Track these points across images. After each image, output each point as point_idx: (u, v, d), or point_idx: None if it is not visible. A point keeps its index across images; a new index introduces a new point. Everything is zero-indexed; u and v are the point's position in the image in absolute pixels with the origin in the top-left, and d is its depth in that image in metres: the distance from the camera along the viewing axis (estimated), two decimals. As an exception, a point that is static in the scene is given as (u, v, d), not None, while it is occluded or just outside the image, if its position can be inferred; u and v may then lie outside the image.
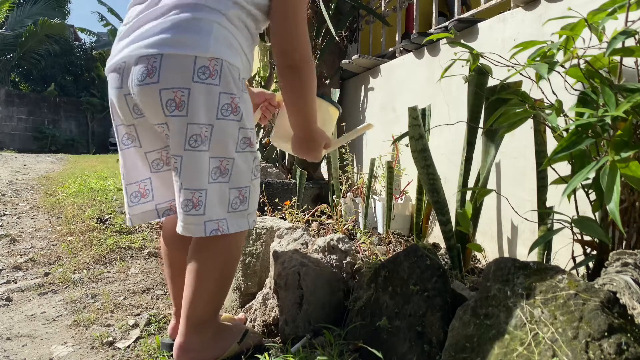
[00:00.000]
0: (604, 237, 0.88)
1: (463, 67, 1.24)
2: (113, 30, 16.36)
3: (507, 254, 1.70)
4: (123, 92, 1.06)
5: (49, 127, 15.22)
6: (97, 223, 2.82)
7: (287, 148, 1.35)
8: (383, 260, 1.24)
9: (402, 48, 2.58)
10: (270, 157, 3.27)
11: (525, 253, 1.37)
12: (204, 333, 1.13)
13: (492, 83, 1.34)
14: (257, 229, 1.60)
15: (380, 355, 1.00)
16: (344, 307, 1.25)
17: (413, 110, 1.44)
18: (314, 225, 2.21)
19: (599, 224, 0.95)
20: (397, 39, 2.75)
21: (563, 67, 0.93)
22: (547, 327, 0.74)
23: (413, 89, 2.40)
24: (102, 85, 17.20)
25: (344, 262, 1.37)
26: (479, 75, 1.36)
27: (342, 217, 2.27)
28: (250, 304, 1.50)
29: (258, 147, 3.43)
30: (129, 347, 1.39)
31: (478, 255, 1.82)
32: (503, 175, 1.72)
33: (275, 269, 1.34)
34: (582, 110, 0.86)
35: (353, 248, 1.43)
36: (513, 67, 1.03)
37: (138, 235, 2.61)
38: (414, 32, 2.49)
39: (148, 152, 1.17)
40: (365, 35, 3.30)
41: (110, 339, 1.43)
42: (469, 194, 1.53)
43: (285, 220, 1.99)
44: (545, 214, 1.29)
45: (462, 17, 2.05)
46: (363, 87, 3.07)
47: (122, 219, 2.85)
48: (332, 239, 1.43)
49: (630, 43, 0.99)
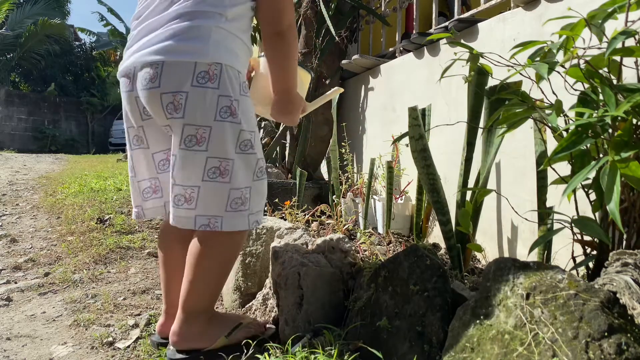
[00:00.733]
0: (604, 237, 0.88)
1: (463, 67, 1.24)
2: (113, 30, 16.33)
3: (507, 254, 1.70)
4: (133, 94, 1.14)
5: (49, 127, 15.22)
6: (97, 223, 2.82)
7: (260, 111, 1.37)
8: (383, 260, 1.24)
9: (402, 48, 2.58)
10: (270, 157, 3.27)
11: (525, 253, 1.37)
12: (197, 323, 1.18)
13: (492, 83, 1.34)
14: (257, 229, 1.60)
15: (380, 355, 1.00)
16: (344, 307, 1.25)
17: (413, 111, 1.44)
18: (314, 225, 2.21)
19: (599, 224, 0.95)
20: (397, 39, 2.75)
21: (563, 67, 0.93)
22: (547, 327, 0.74)
23: (413, 89, 2.40)
24: (102, 85, 17.20)
25: (344, 262, 1.37)
26: (479, 75, 1.36)
27: (342, 217, 2.27)
28: (250, 304, 1.50)
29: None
30: (129, 347, 1.39)
31: (478, 255, 1.82)
32: (503, 175, 1.72)
33: (275, 269, 1.34)
34: (582, 110, 0.86)
35: (353, 248, 1.43)
36: (513, 67, 1.03)
37: (138, 236, 2.61)
38: (414, 32, 2.49)
39: (155, 152, 1.23)
40: (365, 35, 3.30)
41: (110, 339, 1.43)
42: (469, 194, 1.53)
43: (285, 220, 1.99)
44: (545, 214, 1.29)
45: (462, 17, 2.05)
46: (363, 87, 3.07)
47: (122, 219, 2.85)
48: (332, 239, 1.43)
49: (630, 43, 0.99)
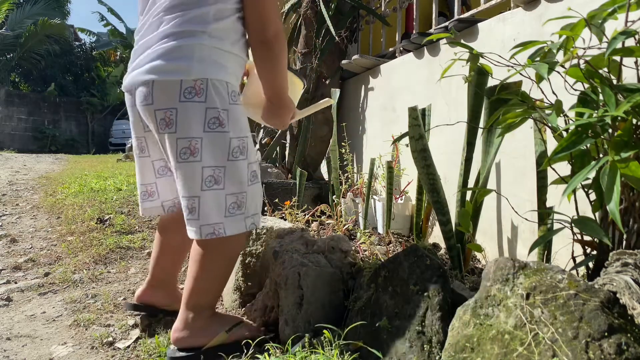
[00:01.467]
0: (604, 237, 0.88)
1: (463, 67, 1.24)
2: (113, 30, 16.33)
3: (507, 254, 1.70)
4: (136, 109, 1.22)
5: (49, 127, 15.22)
6: (97, 223, 2.82)
7: (252, 114, 1.40)
8: (383, 260, 1.24)
9: (402, 48, 2.58)
10: (270, 157, 3.27)
11: (525, 253, 1.37)
12: (200, 319, 1.23)
13: (492, 83, 1.34)
14: (256, 229, 1.60)
15: (380, 355, 1.00)
16: (344, 307, 1.25)
17: (413, 111, 1.44)
18: (314, 226, 2.21)
19: (599, 224, 0.95)
20: (397, 39, 2.75)
21: (563, 67, 0.93)
22: (547, 327, 0.74)
23: (413, 89, 2.40)
24: (102, 86, 17.20)
25: (344, 262, 1.37)
26: (479, 76, 1.36)
27: (342, 217, 2.27)
28: (250, 304, 1.50)
29: (258, 147, 3.43)
30: (129, 347, 1.39)
31: (478, 255, 1.82)
32: (503, 175, 1.72)
33: (275, 269, 1.34)
34: (582, 110, 0.86)
35: (353, 248, 1.43)
36: (513, 67, 1.03)
37: (138, 236, 2.61)
38: (414, 32, 2.49)
39: (155, 160, 1.35)
40: (365, 35, 3.29)
41: (110, 339, 1.43)
42: (469, 194, 1.53)
43: (285, 221, 1.99)
44: (545, 214, 1.29)
45: (462, 17, 2.05)
46: (363, 87, 3.06)
47: (122, 219, 2.85)
48: (332, 239, 1.43)
49: (630, 43, 0.99)
